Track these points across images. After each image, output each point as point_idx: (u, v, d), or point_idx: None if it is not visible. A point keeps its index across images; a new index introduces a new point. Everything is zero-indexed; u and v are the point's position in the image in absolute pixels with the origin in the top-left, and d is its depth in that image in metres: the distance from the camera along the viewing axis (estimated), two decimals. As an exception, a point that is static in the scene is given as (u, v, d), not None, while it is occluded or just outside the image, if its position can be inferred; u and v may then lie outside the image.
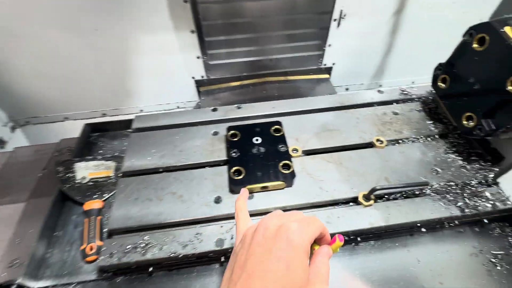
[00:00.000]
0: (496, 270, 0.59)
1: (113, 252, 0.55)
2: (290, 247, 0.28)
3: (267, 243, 0.29)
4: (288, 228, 0.29)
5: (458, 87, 0.63)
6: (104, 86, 1.18)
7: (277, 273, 0.27)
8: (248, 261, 0.29)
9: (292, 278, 0.27)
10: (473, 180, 0.64)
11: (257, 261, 0.28)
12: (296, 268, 0.27)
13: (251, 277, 0.27)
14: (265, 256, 0.28)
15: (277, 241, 0.29)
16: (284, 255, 0.28)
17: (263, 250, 0.29)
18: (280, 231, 0.30)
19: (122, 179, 0.66)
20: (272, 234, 0.30)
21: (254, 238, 0.30)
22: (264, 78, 1.28)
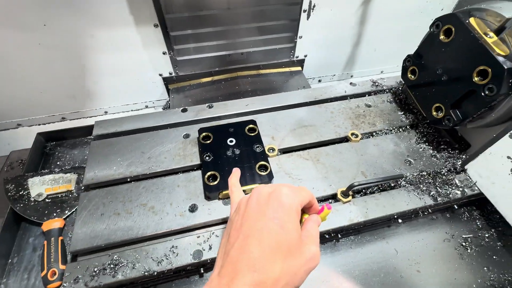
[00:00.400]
0: (467, 253, 0.61)
1: (79, 277, 0.50)
2: (282, 208, 0.31)
3: (261, 207, 0.31)
4: (280, 192, 0.32)
5: (426, 78, 0.64)
6: (59, 87, 1.07)
7: (272, 231, 0.29)
8: (244, 224, 0.31)
9: (285, 236, 0.29)
10: (443, 168, 0.66)
11: (253, 222, 0.30)
12: (289, 227, 0.30)
13: (247, 237, 0.29)
14: (259, 218, 0.30)
15: (270, 204, 0.31)
16: (277, 215, 0.30)
17: (258, 213, 0.31)
18: (272, 195, 0.32)
19: (84, 194, 0.60)
20: (265, 199, 0.32)
21: (249, 204, 0.32)
22: (235, 73, 1.24)
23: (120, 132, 0.72)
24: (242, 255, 0.28)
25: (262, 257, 0.28)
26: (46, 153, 0.74)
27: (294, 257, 0.29)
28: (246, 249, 0.28)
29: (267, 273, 0.27)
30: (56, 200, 0.62)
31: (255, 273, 0.27)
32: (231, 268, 0.28)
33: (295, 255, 0.29)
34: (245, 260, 0.28)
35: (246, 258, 0.28)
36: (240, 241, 0.29)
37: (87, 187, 0.63)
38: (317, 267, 0.56)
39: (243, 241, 0.29)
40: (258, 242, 0.28)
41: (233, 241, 0.30)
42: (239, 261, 0.28)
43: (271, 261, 0.28)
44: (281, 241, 0.29)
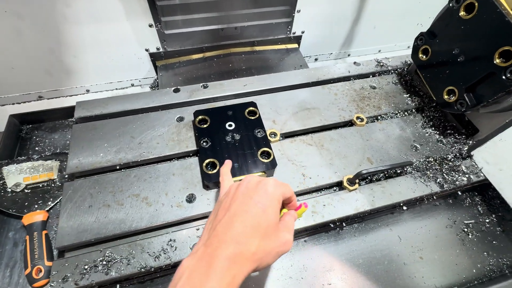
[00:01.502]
0: (468, 239, 0.61)
1: (67, 275, 0.45)
2: (267, 195, 0.35)
3: (249, 192, 0.36)
4: (267, 182, 0.37)
5: (440, 59, 0.60)
6: (32, 62, 0.96)
7: (255, 214, 0.34)
8: (232, 205, 0.35)
9: (266, 219, 0.34)
10: (449, 154, 0.64)
11: (239, 204, 0.35)
12: (270, 212, 0.35)
13: (233, 215, 0.34)
14: (246, 201, 0.35)
15: (257, 190, 0.36)
16: (262, 201, 0.35)
17: (245, 197, 0.35)
18: (260, 184, 0.37)
19: (68, 183, 0.54)
20: (253, 186, 0.36)
21: (238, 188, 0.37)
22: (229, 49, 1.15)
23: (105, 114, 0.65)
24: (227, 229, 0.32)
25: (244, 233, 0.32)
26: (22, 138, 0.67)
27: (270, 238, 0.34)
28: (231, 225, 0.33)
29: (247, 246, 0.31)
30: (37, 191, 0.57)
31: (237, 245, 0.31)
32: (216, 240, 0.32)
33: (271, 237, 0.34)
34: (229, 233, 0.32)
35: (230, 232, 0.32)
36: (226, 218, 0.34)
37: (71, 176, 0.57)
38: (321, 256, 0.55)
39: (229, 218, 0.33)
40: (242, 220, 0.33)
41: (220, 218, 0.34)
42: (224, 234, 0.32)
43: (251, 237, 0.32)
44: (261, 222, 0.33)
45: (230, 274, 0.30)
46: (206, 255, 0.31)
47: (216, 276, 0.29)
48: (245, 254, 0.31)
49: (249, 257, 0.31)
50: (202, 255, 0.31)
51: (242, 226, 0.32)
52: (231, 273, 0.30)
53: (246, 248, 0.31)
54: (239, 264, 0.30)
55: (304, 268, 0.55)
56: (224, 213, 0.34)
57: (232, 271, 0.30)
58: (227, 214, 0.34)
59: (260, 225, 0.33)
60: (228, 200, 0.36)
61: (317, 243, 0.58)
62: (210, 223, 0.35)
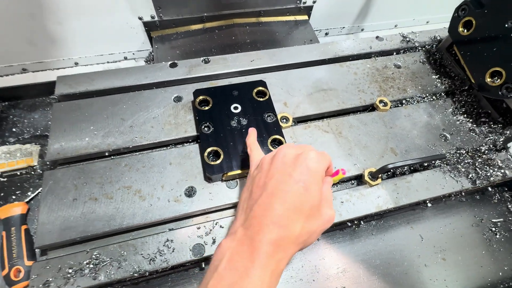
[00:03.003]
0: (495, 239, 0.56)
1: (49, 280, 0.40)
2: (309, 172, 0.32)
3: (287, 168, 0.32)
4: (307, 156, 0.33)
5: (487, 34, 0.50)
6: (11, 30, 0.85)
7: (296, 193, 0.30)
8: (268, 182, 0.32)
9: (309, 198, 0.31)
10: (483, 145, 0.57)
11: (277, 182, 0.31)
12: (313, 190, 0.31)
13: (271, 195, 0.31)
14: (285, 179, 0.31)
15: (297, 166, 0.32)
16: (303, 178, 0.31)
17: (283, 173, 0.32)
18: (300, 158, 0.33)
19: (49, 172, 0.47)
20: (291, 160, 0.33)
21: (273, 163, 0.33)
22: (231, 19, 1.04)
23: (91, 91, 0.56)
24: (267, 211, 0.30)
25: (286, 215, 0.30)
26: (-4, 117, 0.58)
27: (315, 218, 0.31)
28: (270, 206, 0.30)
29: (290, 230, 0.29)
30: (14, 179, 0.49)
31: (280, 229, 0.29)
32: (256, 222, 0.30)
33: (315, 216, 0.32)
34: (269, 216, 0.29)
35: (271, 215, 0.29)
36: (264, 198, 0.31)
37: (53, 163, 0.50)
38: (335, 256, 0.50)
39: (267, 198, 0.31)
40: (283, 201, 0.30)
41: (256, 197, 0.32)
42: (264, 216, 0.30)
43: (294, 220, 0.30)
44: (304, 202, 0.31)
45: (274, 259, 0.28)
46: (247, 238, 0.29)
47: (260, 262, 0.27)
48: (290, 238, 0.29)
49: (293, 240, 0.29)
50: (242, 238, 0.29)
51: (283, 208, 0.30)
52: (276, 259, 0.28)
53: (290, 232, 0.29)
54: (283, 249, 0.29)
55: (315, 269, 0.50)
56: (260, 192, 0.32)
57: (277, 257, 0.28)
58: (264, 194, 0.31)
59: (303, 206, 0.30)
60: (262, 176, 0.33)
61: (331, 242, 0.53)
62: (244, 201, 0.33)
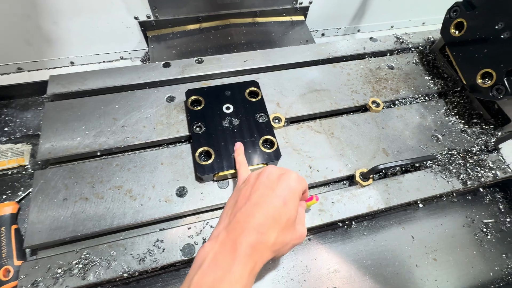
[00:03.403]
0: (486, 239, 0.56)
1: (38, 280, 0.39)
2: (289, 189, 0.36)
3: (271, 184, 0.36)
4: (289, 176, 0.37)
5: (478, 35, 0.51)
6: (7, 28, 0.85)
7: (276, 206, 0.34)
8: (252, 194, 0.35)
9: (286, 212, 0.35)
10: (474, 146, 0.57)
11: (261, 195, 0.35)
12: (291, 206, 0.35)
13: (254, 205, 0.34)
14: (268, 193, 0.35)
15: (280, 183, 0.36)
16: (284, 194, 0.35)
17: (267, 188, 0.36)
18: (283, 177, 0.37)
19: (39, 172, 0.47)
20: (275, 178, 0.37)
21: (259, 179, 0.37)
22: (228, 19, 1.04)
23: (84, 91, 0.56)
24: (249, 218, 0.33)
25: (265, 224, 0.33)
26: (-12, 116, 0.58)
27: (288, 231, 0.35)
28: (252, 214, 0.33)
29: (267, 237, 0.33)
30: (5, 179, 0.49)
31: (258, 235, 0.32)
32: (238, 226, 0.33)
33: (289, 229, 0.35)
34: (251, 222, 0.33)
35: (252, 222, 0.33)
36: (247, 207, 0.34)
37: (44, 163, 0.50)
38: (326, 256, 0.50)
39: (250, 207, 0.34)
40: (264, 211, 0.34)
41: (241, 206, 0.35)
42: (246, 222, 0.33)
43: (271, 229, 0.33)
44: (281, 215, 0.34)
45: (252, 260, 0.31)
46: (229, 240, 0.32)
47: (241, 260, 0.30)
48: (266, 244, 0.32)
49: (269, 247, 0.33)
50: (224, 239, 0.32)
51: (263, 217, 0.33)
52: (253, 260, 0.31)
53: (267, 238, 0.32)
54: (260, 252, 0.32)
55: (307, 269, 0.50)
56: (244, 202, 0.35)
57: (254, 258, 0.31)
58: (248, 203, 0.34)
59: (281, 218, 0.34)
60: (248, 189, 0.36)
61: (322, 242, 0.53)
62: (230, 208, 0.36)
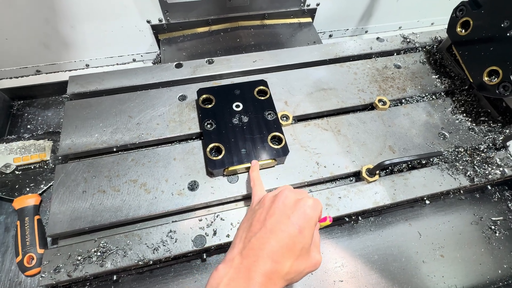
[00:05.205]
0: (494, 237, 0.56)
1: (59, 266, 0.42)
2: (305, 217, 0.35)
3: (286, 210, 0.35)
4: (306, 203, 0.36)
5: (484, 33, 0.51)
6: (28, 33, 0.89)
7: (292, 234, 0.33)
8: (268, 219, 0.35)
9: (301, 240, 0.34)
10: (482, 144, 0.57)
11: (276, 221, 0.34)
12: (306, 234, 0.34)
13: (270, 232, 0.34)
14: (283, 220, 0.34)
15: (296, 210, 0.35)
16: (300, 222, 0.34)
17: (282, 214, 0.35)
18: (299, 203, 0.36)
19: (60, 166, 0.50)
20: (291, 203, 0.36)
21: (275, 203, 0.36)
22: (237, 22, 1.06)
23: (101, 90, 0.59)
24: (264, 245, 0.33)
25: (280, 252, 0.32)
26: (13, 115, 0.62)
27: (303, 259, 0.34)
28: (268, 241, 0.33)
29: (281, 265, 0.32)
30: (29, 172, 0.52)
31: (273, 263, 0.32)
32: (253, 253, 0.32)
33: (304, 258, 0.34)
34: (266, 250, 0.32)
35: (267, 249, 0.32)
36: (262, 233, 0.34)
37: (64, 158, 0.53)
38: (333, 251, 0.51)
39: (265, 234, 0.34)
40: (279, 239, 0.33)
41: (256, 230, 0.34)
42: (261, 249, 0.32)
43: (286, 257, 0.33)
44: (296, 243, 0.33)
45: None
46: (243, 267, 0.32)
47: None
48: (280, 273, 0.32)
49: (283, 276, 0.32)
50: (239, 266, 0.32)
51: (278, 245, 0.33)
52: None
53: (281, 267, 0.32)
54: (273, 282, 0.32)
55: (314, 263, 0.51)
56: (259, 227, 0.35)
57: (268, 287, 0.31)
58: (262, 229, 0.34)
59: (296, 246, 0.33)
60: (263, 212, 0.36)
61: (329, 236, 0.54)
62: (243, 231, 0.36)
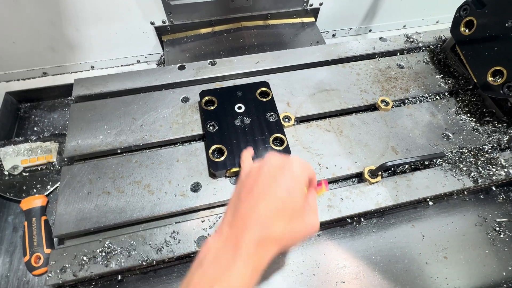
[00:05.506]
0: (499, 238, 0.56)
1: (65, 266, 0.43)
2: (293, 178, 0.34)
3: (273, 174, 0.34)
4: (292, 164, 0.35)
5: (488, 33, 0.51)
6: (34, 36, 0.91)
7: (280, 197, 0.33)
8: (255, 186, 0.34)
9: (291, 202, 0.33)
10: (486, 144, 0.57)
11: (264, 186, 0.33)
12: (296, 195, 0.34)
13: (257, 198, 0.33)
14: (271, 183, 0.34)
15: (282, 172, 0.34)
16: (287, 184, 0.34)
17: (269, 179, 0.34)
18: (286, 165, 0.35)
19: (66, 168, 0.51)
20: (277, 167, 0.35)
21: (261, 170, 0.35)
22: (239, 23, 1.07)
23: (105, 93, 0.60)
24: (252, 213, 0.32)
25: (269, 216, 0.32)
26: (20, 117, 0.63)
27: (297, 222, 0.33)
28: (256, 207, 0.32)
29: (272, 230, 0.31)
30: (36, 174, 0.54)
31: (263, 229, 0.31)
32: (241, 222, 0.32)
33: (297, 220, 0.33)
34: (254, 216, 0.31)
35: (255, 216, 0.31)
36: (249, 200, 0.33)
37: (70, 160, 0.54)
38: (335, 252, 0.51)
39: (253, 201, 0.33)
40: (267, 204, 0.32)
41: (244, 199, 0.33)
42: (249, 217, 0.31)
43: (276, 221, 0.32)
44: (286, 205, 0.33)
45: (256, 257, 0.30)
46: (231, 236, 0.31)
47: (242, 258, 0.29)
48: (271, 238, 0.31)
49: (275, 241, 0.31)
50: (227, 236, 0.31)
51: (267, 210, 0.32)
52: (257, 256, 0.30)
53: (272, 232, 0.31)
54: (264, 248, 0.31)
55: (316, 264, 0.51)
56: (247, 196, 0.34)
57: (258, 254, 0.30)
58: (250, 197, 0.33)
59: (286, 209, 0.32)
60: (250, 181, 0.35)
61: (332, 237, 0.54)
62: (233, 203, 0.35)
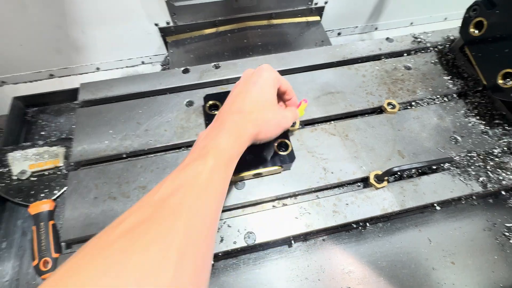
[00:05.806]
0: (509, 243, 0.54)
1: (73, 271, 0.44)
2: (262, 77, 0.41)
3: (247, 78, 0.42)
4: (261, 68, 0.42)
5: (498, 34, 0.49)
6: (41, 39, 0.92)
7: (254, 91, 0.40)
8: (234, 89, 0.43)
9: (263, 95, 0.40)
10: (496, 148, 0.56)
11: (241, 87, 0.42)
12: (267, 91, 0.41)
13: (236, 96, 0.41)
14: (246, 84, 0.42)
15: (253, 74, 0.42)
16: (259, 81, 0.41)
17: (245, 81, 0.42)
18: (255, 72, 0.43)
19: (73, 173, 0.51)
20: (250, 73, 0.43)
21: (240, 79, 0.44)
22: (244, 22, 1.06)
23: (110, 97, 0.60)
24: (232, 105, 0.39)
25: (245, 105, 0.39)
26: (27, 121, 0.64)
27: (268, 110, 0.40)
28: (235, 101, 0.40)
29: (248, 113, 0.38)
30: (43, 179, 0.54)
31: (239, 113, 0.38)
32: (224, 113, 0.39)
33: (269, 110, 0.40)
34: (233, 107, 0.39)
35: (234, 106, 0.39)
36: (231, 98, 0.41)
37: (77, 164, 0.54)
38: (341, 256, 0.50)
39: (233, 98, 0.40)
40: (243, 97, 0.40)
41: (226, 102, 0.41)
42: (229, 108, 0.39)
43: (251, 108, 0.39)
44: (259, 98, 0.40)
45: (236, 130, 0.37)
46: (217, 123, 0.39)
47: (225, 131, 0.36)
48: (247, 118, 0.38)
49: (250, 121, 0.38)
50: (214, 124, 0.39)
51: (244, 101, 0.39)
52: (237, 130, 0.37)
53: (247, 114, 0.38)
54: (242, 125, 0.37)
55: (321, 269, 0.51)
56: (228, 98, 0.41)
57: (237, 129, 0.37)
58: (230, 98, 0.41)
59: (259, 101, 0.40)
60: (233, 90, 0.42)
61: (337, 242, 0.54)
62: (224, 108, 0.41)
